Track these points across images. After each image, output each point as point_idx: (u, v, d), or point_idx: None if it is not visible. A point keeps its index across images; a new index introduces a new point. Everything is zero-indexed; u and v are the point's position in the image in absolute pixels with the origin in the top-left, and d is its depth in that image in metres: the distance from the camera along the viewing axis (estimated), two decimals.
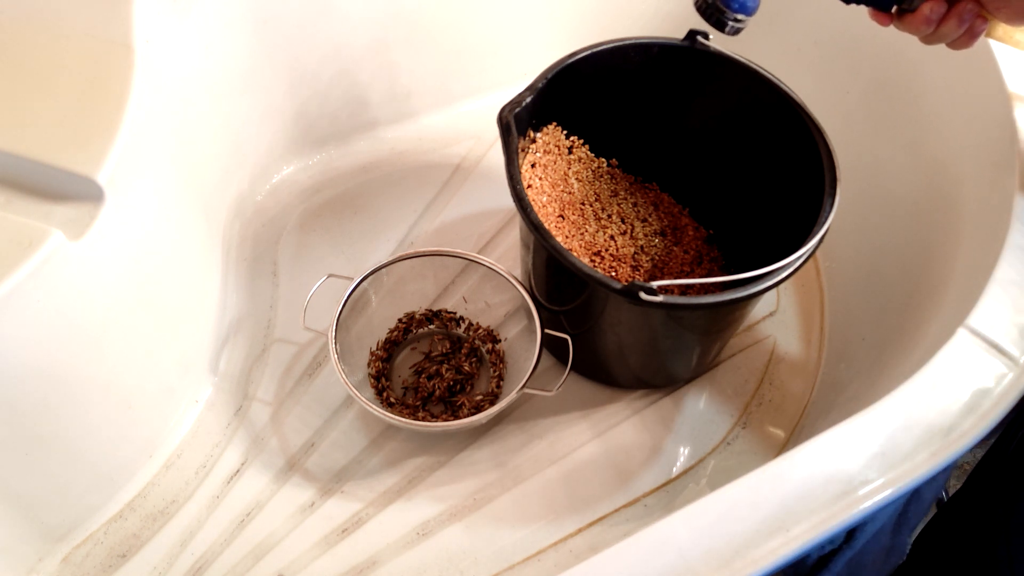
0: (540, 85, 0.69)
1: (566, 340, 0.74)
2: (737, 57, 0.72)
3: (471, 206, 0.95)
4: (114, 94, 0.63)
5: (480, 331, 0.83)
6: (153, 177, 0.68)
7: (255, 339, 0.84)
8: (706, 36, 0.73)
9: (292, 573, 0.71)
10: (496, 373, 0.81)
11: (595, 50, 0.72)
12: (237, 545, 0.72)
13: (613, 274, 0.78)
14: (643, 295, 0.57)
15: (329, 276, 0.79)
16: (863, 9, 0.61)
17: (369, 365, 0.81)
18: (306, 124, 0.95)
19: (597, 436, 0.78)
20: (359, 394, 0.72)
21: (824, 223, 0.62)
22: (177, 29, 0.73)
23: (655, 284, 0.57)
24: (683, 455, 0.78)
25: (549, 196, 0.78)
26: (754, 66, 0.72)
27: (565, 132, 0.79)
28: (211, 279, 0.82)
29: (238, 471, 0.76)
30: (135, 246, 0.66)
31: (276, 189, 0.96)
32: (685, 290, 0.78)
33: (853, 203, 0.72)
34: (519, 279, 0.79)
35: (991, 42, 0.70)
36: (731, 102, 0.76)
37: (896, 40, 0.78)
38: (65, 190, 0.60)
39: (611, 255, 0.79)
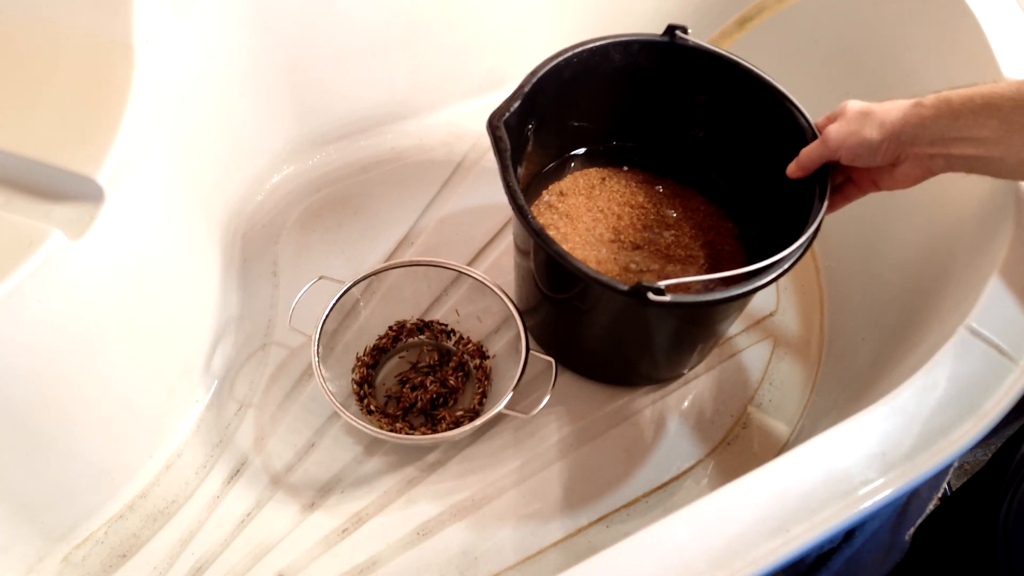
0: (527, 89, 0.69)
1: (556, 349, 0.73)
2: (716, 50, 0.72)
3: (471, 206, 0.95)
4: (114, 94, 0.63)
5: (470, 345, 0.82)
6: (153, 177, 0.68)
7: (255, 339, 0.84)
8: (684, 30, 0.73)
9: (292, 573, 0.71)
10: (480, 390, 0.79)
11: (576, 51, 0.72)
12: (237, 545, 0.72)
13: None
14: (651, 295, 0.57)
15: (320, 278, 0.78)
16: (864, 10, 0.60)
17: (354, 371, 0.80)
18: (306, 124, 0.95)
19: (597, 436, 0.78)
20: (336, 401, 0.72)
21: (818, 214, 0.62)
22: (177, 29, 0.73)
23: (663, 284, 0.57)
24: (683, 455, 0.78)
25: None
26: (734, 57, 0.72)
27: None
28: (211, 279, 0.82)
29: (238, 471, 0.76)
30: (135, 246, 0.66)
31: (276, 189, 0.96)
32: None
33: (852, 203, 0.72)
34: (510, 295, 0.78)
35: (989, 40, 0.70)
36: (715, 95, 0.76)
37: (896, 41, 0.79)
38: (65, 190, 0.60)
39: None
